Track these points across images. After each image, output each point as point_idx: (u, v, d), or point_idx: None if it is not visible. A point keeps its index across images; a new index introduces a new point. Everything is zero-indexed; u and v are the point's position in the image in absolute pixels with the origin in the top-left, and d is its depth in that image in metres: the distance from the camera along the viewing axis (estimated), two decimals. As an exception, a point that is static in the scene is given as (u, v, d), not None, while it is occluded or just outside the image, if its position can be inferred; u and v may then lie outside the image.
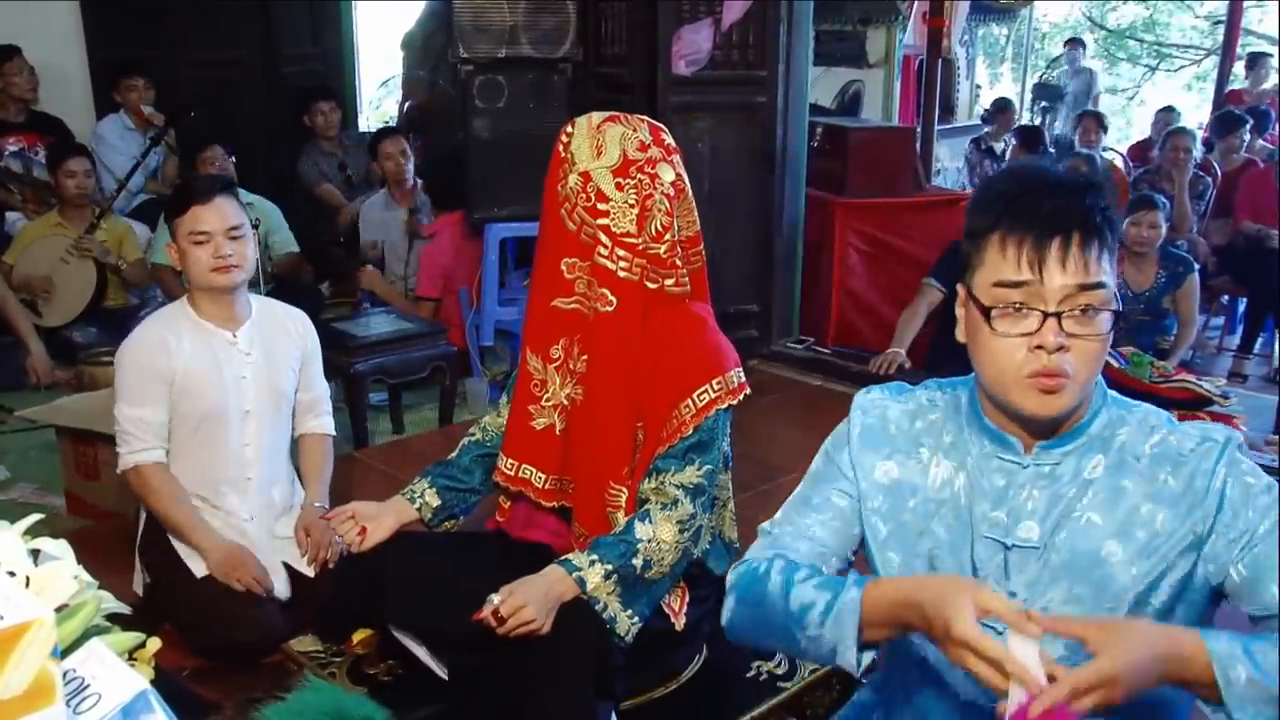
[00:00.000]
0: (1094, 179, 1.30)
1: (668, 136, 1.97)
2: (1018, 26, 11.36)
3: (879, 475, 1.43)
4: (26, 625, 0.79)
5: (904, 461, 1.42)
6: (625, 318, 1.90)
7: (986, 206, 1.31)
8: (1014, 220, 1.26)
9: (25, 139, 5.07)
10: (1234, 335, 5.69)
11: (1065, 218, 1.25)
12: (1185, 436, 1.32)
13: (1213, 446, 1.30)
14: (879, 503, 1.43)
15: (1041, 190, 1.27)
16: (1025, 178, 1.31)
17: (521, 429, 2.01)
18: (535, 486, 2.01)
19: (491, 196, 4.18)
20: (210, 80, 6.08)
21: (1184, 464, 1.30)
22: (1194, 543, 1.28)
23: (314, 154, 5.92)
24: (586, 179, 1.89)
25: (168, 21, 5.91)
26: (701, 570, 2.04)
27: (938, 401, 1.44)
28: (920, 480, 1.41)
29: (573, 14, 4.05)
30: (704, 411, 1.88)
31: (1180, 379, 3.83)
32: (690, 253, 2.00)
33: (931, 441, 1.42)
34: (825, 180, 4.87)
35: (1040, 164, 1.37)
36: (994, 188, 1.34)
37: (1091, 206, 1.25)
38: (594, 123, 1.92)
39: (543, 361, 1.98)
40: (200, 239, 2.33)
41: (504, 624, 1.75)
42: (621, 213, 1.88)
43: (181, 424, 2.38)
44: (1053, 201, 1.26)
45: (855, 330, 4.76)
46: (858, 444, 1.45)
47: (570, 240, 1.92)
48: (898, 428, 1.44)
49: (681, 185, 1.95)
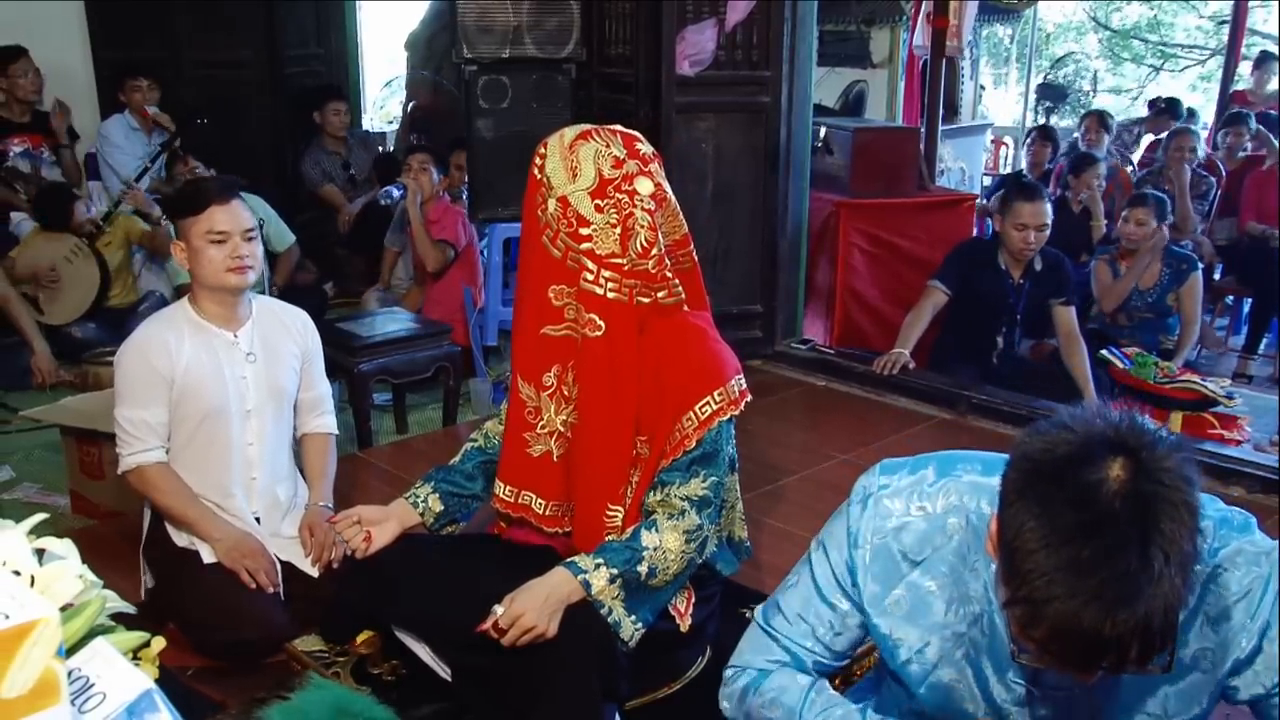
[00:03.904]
0: (1152, 637, 1.08)
1: (644, 145, 1.94)
2: (1022, 27, 11.34)
3: (889, 603, 1.39)
4: (32, 624, 0.79)
5: (919, 592, 1.37)
6: (615, 341, 1.88)
7: (1034, 610, 1.10)
8: (1059, 661, 1.14)
9: (31, 139, 5.08)
10: (1239, 335, 5.68)
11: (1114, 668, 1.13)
12: (1231, 575, 1.25)
13: (1259, 579, 1.25)
14: (889, 627, 1.39)
15: (1091, 655, 1.10)
16: (1073, 638, 1.09)
17: (518, 456, 2.01)
18: (536, 513, 2.01)
19: (495, 196, 4.18)
20: (214, 81, 6.08)
21: (1225, 605, 1.25)
22: (1229, 672, 1.28)
23: (318, 154, 5.93)
24: (565, 204, 1.87)
25: (172, 22, 5.92)
26: (709, 570, 2.04)
27: (955, 516, 1.35)
28: (936, 614, 1.36)
29: (577, 14, 4.04)
30: (707, 424, 1.87)
31: (1185, 379, 3.83)
32: (679, 254, 1.99)
33: (947, 574, 1.35)
34: (829, 181, 4.88)
35: (1090, 622, 1.06)
36: (1043, 615, 1.09)
37: (1145, 657, 1.10)
38: (566, 141, 1.90)
39: (535, 389, 1.97)
40: (218, 239, 2.33)
41: (506, 634, 1.75)
42: (604, 234, 1.86)
43: (183, 425, 2.38)
44: (1101, 663, 1.12)
45: (859, 331, 4.76)
46: (863, 571, 1.39)
47: (556, 267, 1.90)
48: (906, 556, 1.37)
49: (662, 194, 1.92)
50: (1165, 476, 1.08)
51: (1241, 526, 1.28)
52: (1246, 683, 1.28)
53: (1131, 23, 15.31)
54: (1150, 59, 15.07)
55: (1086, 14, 14.87)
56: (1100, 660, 1.09)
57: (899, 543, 1.37)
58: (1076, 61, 11.84)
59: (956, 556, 1.34)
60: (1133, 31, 15.19)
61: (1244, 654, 1.26)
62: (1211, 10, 14.02)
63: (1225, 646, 1.26)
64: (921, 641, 1.37)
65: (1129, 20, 15.32)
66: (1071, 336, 4.00)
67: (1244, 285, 5.65)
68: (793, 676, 1.45)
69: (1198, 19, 14.67)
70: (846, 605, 1.42)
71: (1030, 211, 3.91)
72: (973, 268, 4.04)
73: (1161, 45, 14.91)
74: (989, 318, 4.06)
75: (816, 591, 1.44)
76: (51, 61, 5.23)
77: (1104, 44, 15.07)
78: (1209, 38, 14.15)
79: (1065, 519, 1.08)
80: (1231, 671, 1.28)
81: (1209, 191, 5.78)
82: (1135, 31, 15.20)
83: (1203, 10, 14.43)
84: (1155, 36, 15.00)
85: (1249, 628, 1.25)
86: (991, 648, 1.33)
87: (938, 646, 1.36)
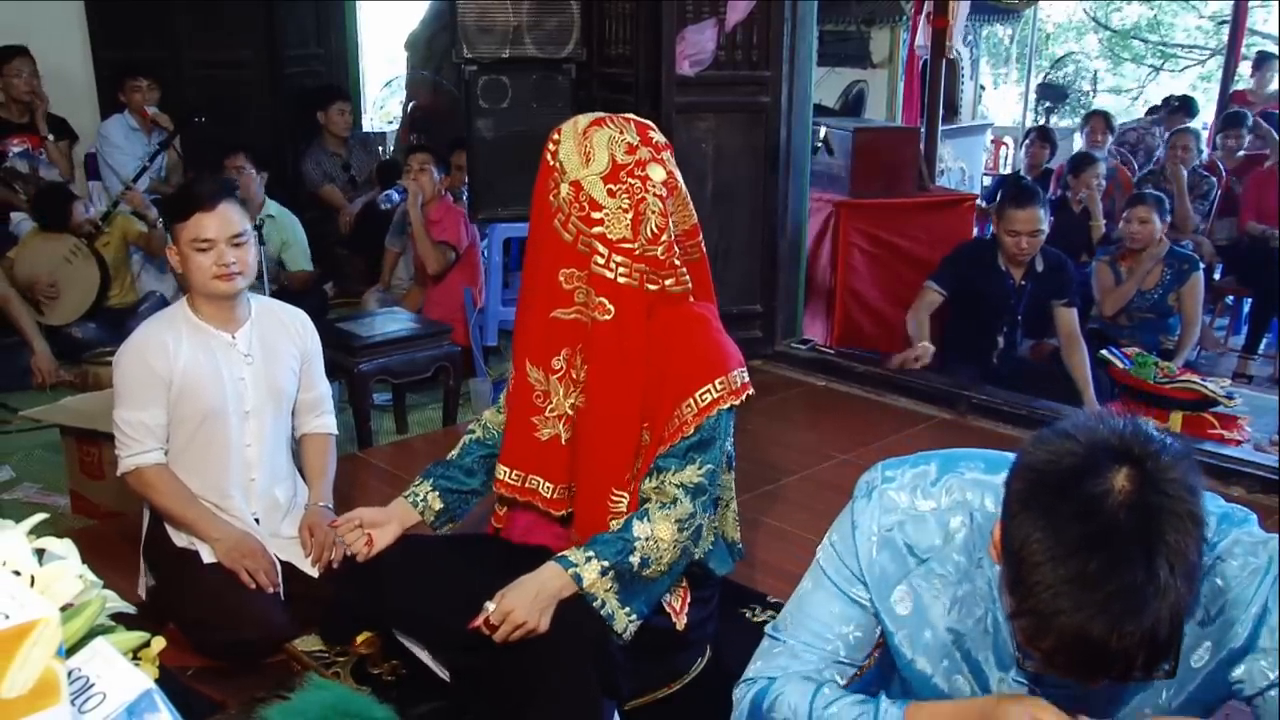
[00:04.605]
0: (1159, 647, 1.08)
1: (656, 134, 1.96)
2: (1022, 27, 11.34)
3: (895, 602, 1.39)
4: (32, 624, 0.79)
5: (923, 589, 1.37)
6: (625, 325, 1.89)
7: (1042, 620, 1.10)
8: (1065, 671, 1.14)
9: (30, 140, 5.07)
10: (1239, 336, 5.68)
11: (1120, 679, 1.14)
12: (1228, 565, 1.26)
13: (1256, 570, 1.26)
14: (898, 625, 1.39)
15: (1098, 666, 1.10)
16: (1080, 649, 1.09)
17: (524, 440, 2.01)
18: (544, 496, 2.01)
19: (495, 197, 4.17)
20: (214, 81, 6.07)
21: (1223, 596, 1.26)
22: (1226, 661, 1.28)
23: (318, 154, 5.93)
24: (578, 188, 1.88)
25: (172, 22, 5.91)
26: (703, 571, 2.04)
27: (959, 513, 1.35)
28: (940, 611, 1.37)
29: (577, 14, 4.04)
30: (706, 411, 1.88)
31: (1185, 379, 3.82)
32: (688, 245, 2.00)
33: (951, 571, 1.36)
34: (829, 180, 4.88)
35: (1097, 634, 1.07)
36: (1049, 625, 1.10)
37: (1151, 666, 1.11)
38: (580, 127, 1.91)
39: (544, 373, 1.98)
40: (203, 246, 2.31)
41: (497, 631, 1.75)
42: (616, 219, 1.87)
43: (182, 426, 2.38)
44: (1109, 676, 1.13)
45: (859, 331, 4.76)
46: (869, 563, 1.39)
47: (567, 251, 1.91)
48: (912, 550, 1.37)
49: (674, 182, 1.94)
50: (1170, 487, 1.08)
51: (1241, 522, 1.29)
52: (1250, 676, 1.27)
53: (1131, 23, 15.32)
54: (1150, 59, 15.07)
55: (1086, 14, 14.88)
56: (1107, 671, 1.10)
57: (904, 535, 1.37)
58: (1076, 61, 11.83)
59: (960, 554, 1.34)
60: (1133, 31, 15.20)
61: (1240, 642, 1.26)
62: (1211, 10, 14.03)
63: (1222, 635, 1.26)
64: (924, 639, 1.37)
65: (1129, 20, 15.33)
66: (1073, 337, 3.99)
67: (1244, 285, 5.65)
68: (800, 679, 1.44)
69: (1198, 19, 14.68)
70: (856, 603, 1.41)
71: (1022, 218, 3.90)
72: (972, 268, 4.04)
73: (1161, 45, 14.92)
74: (990, 318, 4.06)
75: (832, 589, 1.43)
76: (51, 61, 5.23)
77: (1104, 44, 15.08)
78: (1209, 38, 14.15)
79: (1071, 531, 1.08)
80: (1229, 661, 1.27)
81: (1210, 191, 5.78)
82: (1135, 31, 15.21)
83: (1203, 10, 14.43)
84: (1155, 36, 15.00)
85: (1244, 616, 1.25)
86: (994, 646, 1.33)
87: (940, 644, 1.36)
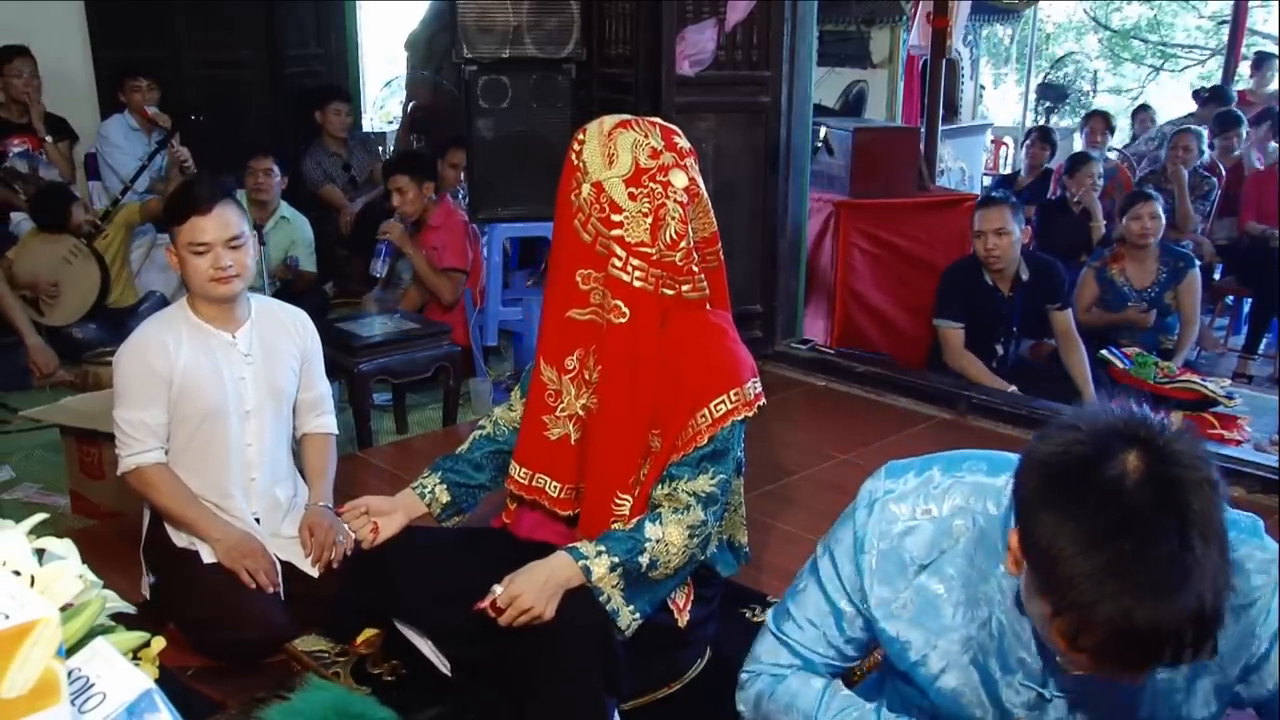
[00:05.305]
0: (1207, 628, 1.05)
1: (681, 139, 1.96)
2: (1022, 27, 11.35)
3: (896, 607, 1.38)
4: (32, 624, 0.79)
5: (924, 594, 1.36)
6: (639, 329, 1.89)
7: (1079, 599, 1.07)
8: (1115, 664, 1.11)
9: (30, 140, 5.07)
10: (1239, 336, 5.68)
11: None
12: (1240, 582, 1.21)
13: (1268, 583, 1.25)
14: (896, 630, 1.39)
15: (1150, 651, 1.07)
16: (1130, 637, 1.05)
17: (536, 439, 2.01)
18: (550, 496, 2.01)
19: (495, 197, 4.17)
20: (214, 81, 6.07)
21: (1236, 619, 1.23)
22: (1238, 677, 1.28)
23: (318, 154, 5.93)
24: (599, 190, 1.88)
25: (172, 22, 5.91)
26: (708, 571, 2.05)
27: (961, 518, 1.34)
28: (944, 617, 1.36)
29: (577, 14, 4.04)
30: (720, 422, 1.88)
31: (1185, 379, 3.83)
32: (706, 253, 2.00)
33: (955, 576, 1.35)
34: (829, 180, 4.88)
35: (1144, 617, 1.04)
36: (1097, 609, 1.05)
37: (1200, 645, 1.07)
38: (605, 129, 1.91)
39: (558, 372, 1.98)
40: (200, 249, 2.30)
41: (503, 614, 1.75)
42: (635, 223, 1.87)
43: (182, 426, 2.38)
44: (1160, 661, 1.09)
45: (859, 331, 4.76)
46: (870, 576, 1.39)
47: (585, 252, 1.91)
48: (913, 560, 1.36)
49: (696, 189, 1.94)
50: (1182, 458, 1.07)
51: (1250, 529, 1.28)
52: (1251, 686, 1.28)
53: (1131, 23, 15.33)
54: (1150, 59, 15.08)
55: (1086, 14, 14.89)
56: (1159, 655, 1.06)
57: (905, 547, 1.36)
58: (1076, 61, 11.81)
59: (964, 559, 1.34)
60: (1133, 31, 15.20)
61: (1254, 660, 1.26)
62: (1211, 10, 14.03)
63: (1236, 650, 1.25)
64: (929, 644, 1.37)
65: (1129, 20, 15.34)
66: (1069, 338, 3.99)
67: (1244, 285, 5.65)
68: (807, 680, 1.46)
69: (1198, 19, 14.68)
70: (853, 610, 1.42)
71: (981, 217, 3.90)
72: (965, 293, 4.01)
73: (1161, 45, 14.92)
74: (986, 334, 4.04)
75: (824, 597, 1.44)
76: (51, 61, 5.22)
77: (1104, 44, 15.09)
78: (1209, 38, 14.16)
79: (1096, 519, 1.06)
80: (1241, 676, 1.27)
81: (1210, 191, 5.78)
82: (1135, 31, 15.22)
83: (1203, 10, 14.44)
84: (1155, 36, 15.01)
85: (1260, 634, 1.25)
86: (999, 650, 1.33)
87: (945, 649, 1.36)
